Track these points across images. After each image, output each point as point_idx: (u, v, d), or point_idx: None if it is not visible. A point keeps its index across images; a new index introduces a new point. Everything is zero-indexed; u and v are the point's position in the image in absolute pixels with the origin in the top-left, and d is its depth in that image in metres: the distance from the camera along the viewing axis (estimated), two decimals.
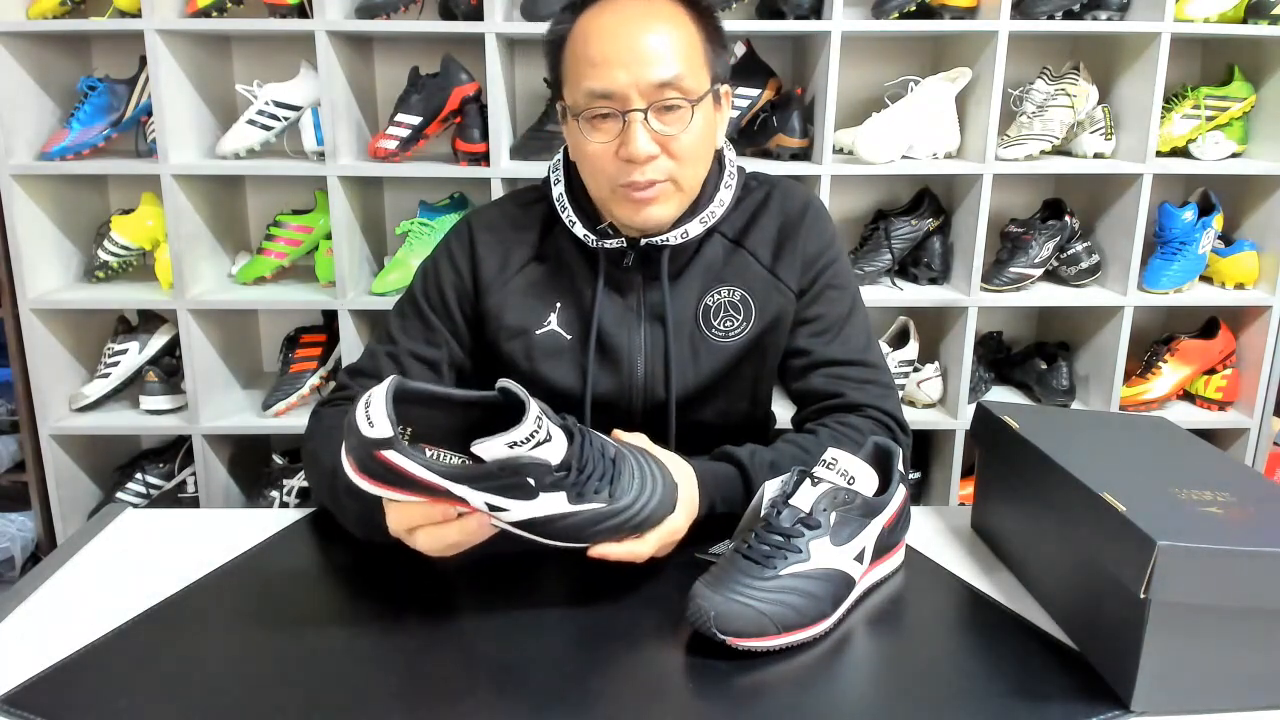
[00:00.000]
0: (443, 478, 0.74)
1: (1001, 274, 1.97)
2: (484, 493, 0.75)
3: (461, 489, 0.74)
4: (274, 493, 2.00)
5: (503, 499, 0.75)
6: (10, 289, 1.88)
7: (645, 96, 0.96)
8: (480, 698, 0.72)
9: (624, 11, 0.97)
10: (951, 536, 1.01)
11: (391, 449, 0.72)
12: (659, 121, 0.97)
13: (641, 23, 0.96)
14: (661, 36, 0.96)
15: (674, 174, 1.00)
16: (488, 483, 0.74)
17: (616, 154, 0.98)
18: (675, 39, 0.97)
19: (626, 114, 0.96)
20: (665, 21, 0.97)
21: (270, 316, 2.23)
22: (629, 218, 1.03)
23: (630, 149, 0.96)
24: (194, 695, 0.72)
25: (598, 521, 0.78)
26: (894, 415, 1.09)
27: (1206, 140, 1.96)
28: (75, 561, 0.94)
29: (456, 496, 0.75)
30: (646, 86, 0.96)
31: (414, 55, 2.00)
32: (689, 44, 0.99)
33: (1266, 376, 2.02)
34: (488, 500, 0.75)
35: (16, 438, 2.01)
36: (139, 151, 1.94)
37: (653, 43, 0.96)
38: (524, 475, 0.74)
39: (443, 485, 0.74)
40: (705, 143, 1.02)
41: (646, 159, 0.97)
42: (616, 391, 1.10)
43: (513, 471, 0.74)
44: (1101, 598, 0.76)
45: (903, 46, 2.09)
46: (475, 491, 0.75)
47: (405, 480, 0.74)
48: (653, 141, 0.97)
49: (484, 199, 1.86)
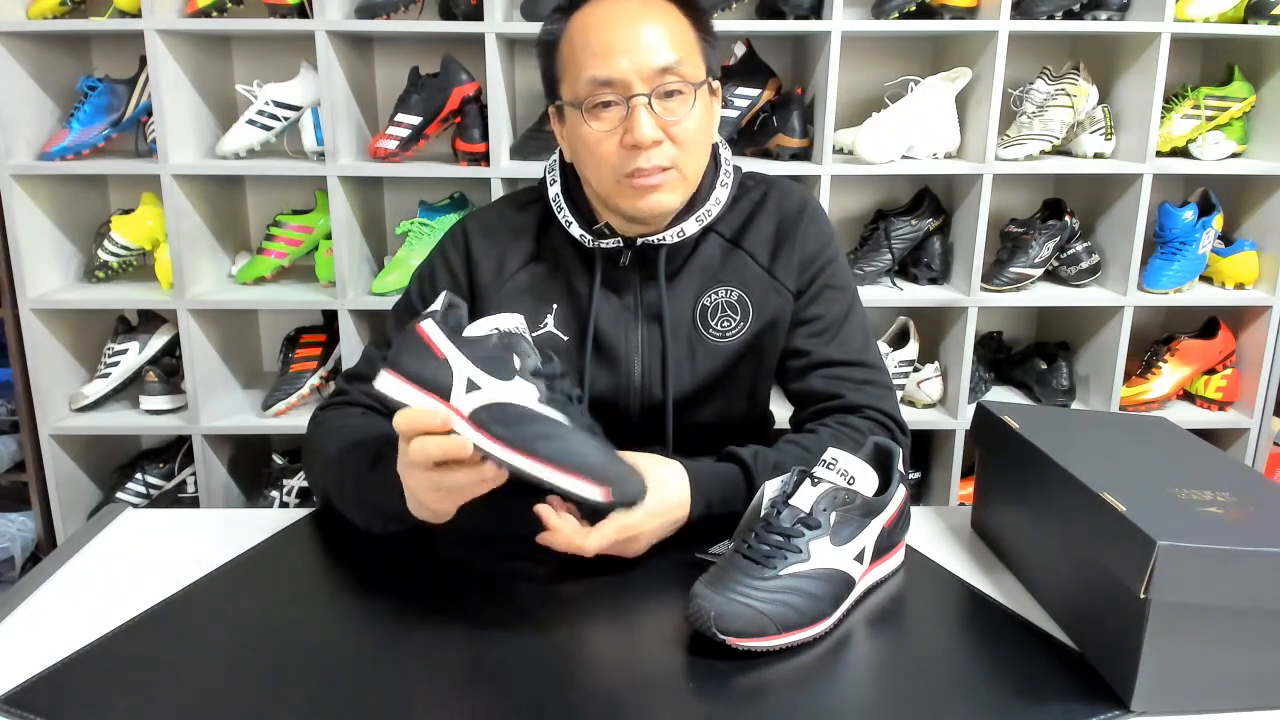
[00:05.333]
0: (449, 340, 0.78)
1: (1001, 274, 1.97)
2: (469, 361, 0.78)
3: (453, 352, 0.78)
4: (274, 493, 2.00)
5: (482, 374, 0.77)
6: (10, 289, 1.88)
7: (647, 82, 0.97)
8: (480, 698, 0.72)
9: (618, 7, 0.99)
10: (951, 536, 1.01)
11: (428, 319, 0.79)
12: (661, 106, 0.98)
13: (637, 14, 0.98)
14: (658, 26, 0.98)
15: (677, 161, 1.00)
16: (474, 349, 0.78)
17: (621, 142, 0.99)
18: (671, 28, 0.99)
19: (630, 99, 0.97)
20: (658, 12, 0.99)
21: (270, 316, 2.23)
22: (634, 207, 1.02)
23: (635, 134, 0.97)
24: (194, 695, 0.72)
25: (553, 439, 0.76)
26: (893, 416, 1.09)
27: (1206, 140, 1.96)
28: (75, 561, 0.94)
29: (447, 364, 0.78)
30: (648, 72, 0.96)
31: (414, 55, 2.01)
32: (684, 34, 1.00)
33: (1266, 376, 2.02)
34: (470, 375, 0.77)
35: (16, 438, 2.01)
36: (139, 151, 1.94)
37: (651, 31, 0.97)
38: (511, 351, 0.78)
39: (444, 349, 0.78)
40: (705, 130, 1.03)
41: (652, 143, 0.98)
42: (614, 391, 1.10)
43: (504, 346, 0.78)
44: (1101, 598, 0.76)
45: (903, 46, 2.09)
46: (462, 358, 0.78)
47: (414, 361, 0.78)
48: (656, 127, 0.98)
49: (484, 199, 1.86)
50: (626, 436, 1.11)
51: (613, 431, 1.11)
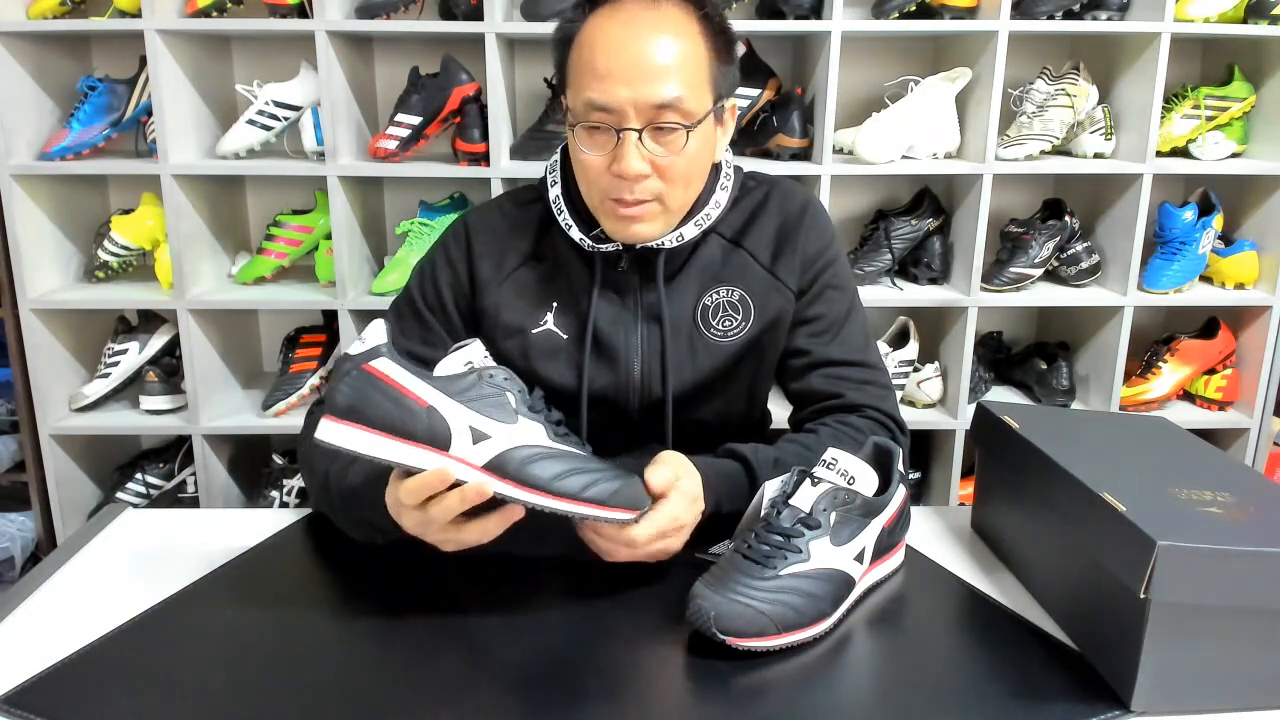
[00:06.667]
0: (427, 383, 0.72)
1: (1001, 274, 1.97)
2: (464, 406, 0.73)
3: (441, 399, 0.72)
4: (274, 493, 2.00)
5: (485, 420, 0.74)
6: (10, 289, 1.88)
7: (642, 116, 0.95)
8: (480, 698, 0.72)
9: (633, 23, 0.95)
10: (951, 536, 1.01)
11: (381, 357, 0.71)
12: (653, 142, 0.96)
13: (649, 36, 0.95)
14: (667, 54, 0.94)
15: (662, 195, 0.99)
16: (465, 393, 0.73)
17: (608, 168, 0.98)
18: (681, 56, 0.95)
19: (621, 131, 0.96)
20: (673, 36, 0.95)
21: (270, 316, 2.23)
22: (614, 231, 1.03)
23: (621, 166, 0.96)
24: (194, 695, 0.72)
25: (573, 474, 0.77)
26: (893, 416, 1.09)
27: (1206, 140, 1.96)
28: (75, 561, 0.94)
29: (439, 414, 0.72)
30: (645, 106, 0.94)
31: (414, 55, 2.00)
32: (695, 61, 0.97)
33: (1266, 376, 2.02)
34: (471, 423, 0.73)
35: (16, 438, 2.01)
36: (139, 151, 1.94)
37: (658, 59, 0.94)
38: (500, 389, 0.75)
39: (425, 395, 0.72)
40: (698, 165, 1.02)
41: (636, 177, 0.97)
42: (613, 390, 1.10)
43: (492, 384, 0.74)
44: (1101, 598, 0.76)
45: (903, 46, 2.09)
46: (456, 404, 0.73)
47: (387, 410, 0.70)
48: (644, 161, 0.96)
49: (484, 199, 1.86)
50: (626, 435, 1.12)
51: (612, 430, 1.12)
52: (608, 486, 0.78)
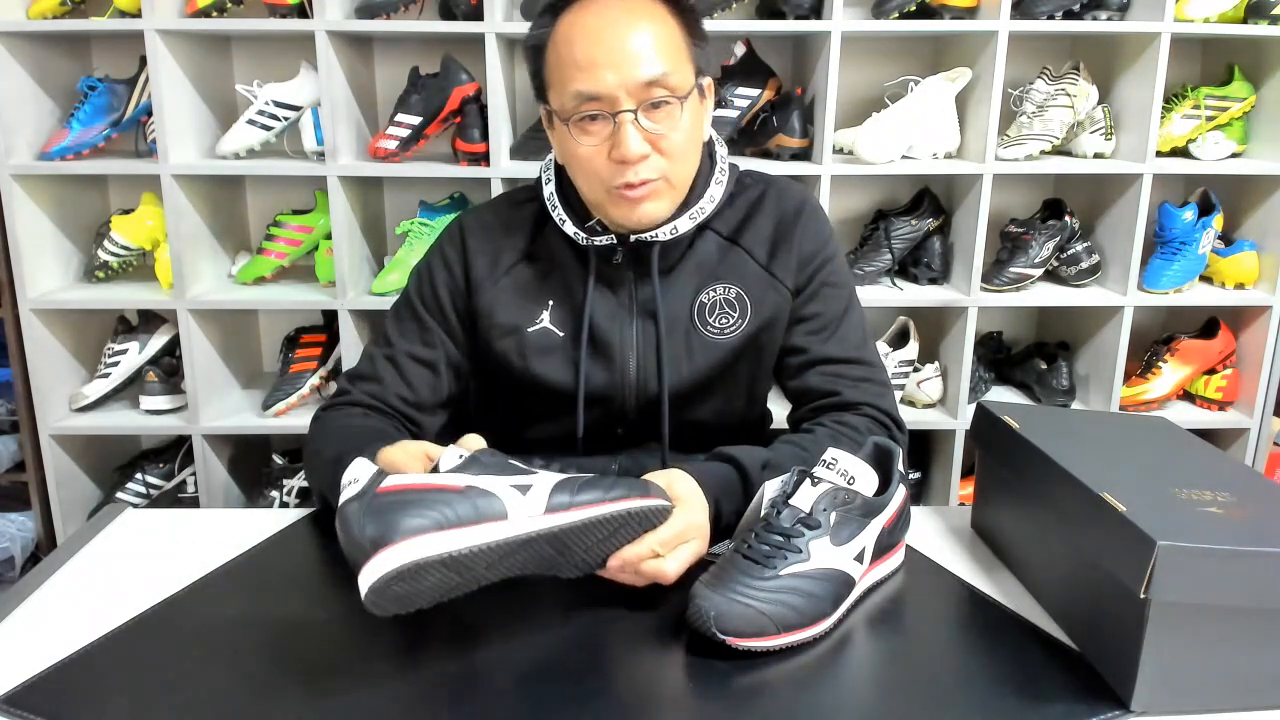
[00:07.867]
0: (447, 472, 0.75)
1: (1001, 274, 1.97)
2: (493, 475, 0.74)
3: (467, 477, 0.74)
4: (274, 493, 2.00)
5: (516, 477, 0.75)
6: (10, 289, 1.88)
7: (634, 96, 0.96)
8: (480, 698, 0.72)
9: (605, 13, 0.97)
10: (951, 536, 1.01)
11: (385, 476, 0.72)
12: (649, 120, 0.97)
13: (624, 22, 0.97)
14: (645, 35, 0.96)
15: (666, 172, 1.00)
16: (481, 466, 0.75)
17: (609, 156, 0.98)
18: (658, 36, 0.97)
19: (616, 115, 0.96)
20: (646, 18, 0.97)
21: (270, 316, 2.23)
22: (624, 218, 1.03)
23: (622, 150, 0.97)
24: (194, 695, 0.72)
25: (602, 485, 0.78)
26: (890, 414, 1.09)
27: (1206, 140, 1.96)
28: (75, 561, 0.94)
29: (477, 488, 0.72)
30: (634, 86, 0.96)
31: (414, 55, 2.00)
32: (671, 40, 0.99)
33: (1266, 376, 2.02)
34: (512, 483, 0.74)
35: (16, 438, 2.01)
36: (139, 151, 1.94)
37: (637, 41, 0.96)
38: (506, 458, 0.77)
39: (452, 481, 0.73)
40: (694, 138, 1.03)
41: (639, 159, 0.97)
42: (609, 387, 1.10)
43: (499, 461, 0.77)
44: (1101, 598, 0.76)
45: (903, 46, 2.09)
46: (485, 476, 0.74)
47: (425, 512, 0.70)
48: (644, 141, 0.97)
49: (484, 199, 1.86)
50: (623, 434, 1.12)
51: (609, 428, 1.12)
52: (636, 485, 0.81)
